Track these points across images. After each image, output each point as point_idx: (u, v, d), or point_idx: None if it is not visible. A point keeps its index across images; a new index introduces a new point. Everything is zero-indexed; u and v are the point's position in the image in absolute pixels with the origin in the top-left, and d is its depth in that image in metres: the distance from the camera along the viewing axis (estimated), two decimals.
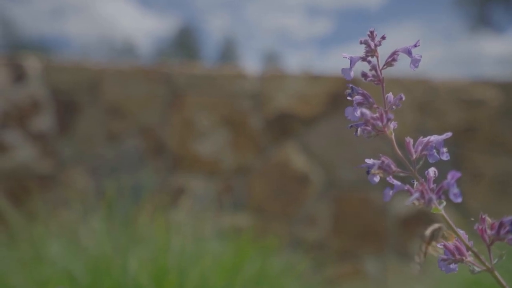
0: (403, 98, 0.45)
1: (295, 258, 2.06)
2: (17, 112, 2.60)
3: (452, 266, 0.44)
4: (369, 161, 0.44)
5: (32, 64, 2.64)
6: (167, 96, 2.67)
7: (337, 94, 2.65)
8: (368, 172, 0.43)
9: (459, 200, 0.40)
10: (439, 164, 0.45)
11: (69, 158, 2.62)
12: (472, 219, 0.46)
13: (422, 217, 2.53)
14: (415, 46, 0.45)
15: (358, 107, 0.45)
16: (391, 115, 0.44)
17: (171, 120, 2.66)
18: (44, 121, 2.62)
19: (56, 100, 2.64)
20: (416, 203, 0.42)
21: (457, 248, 0.43)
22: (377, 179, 0.44)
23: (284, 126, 2.67)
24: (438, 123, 2.62)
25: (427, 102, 2.65)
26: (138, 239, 1.69)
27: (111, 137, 2.64)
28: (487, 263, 0.43)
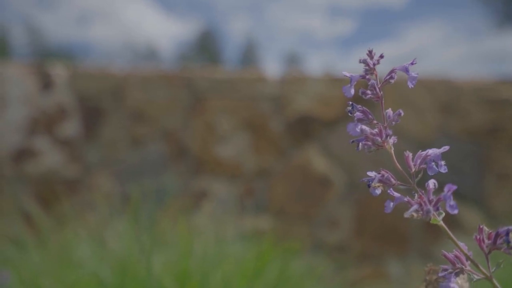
0: (402, 114, 0.46)
1: (316, 261, 2.06)
2: (45, 118, 2.68)
3: None
4: (371, 173, 0.45)
5: (59, 71, 2.72)
6: (189, 100, 2.71)
7: (358, 96, 2.64)
8: (369, 186, 0.45)
9: (455, 211, 0.41)
10: (463, 165, 0.45)
11: (95, 162, 2.69)
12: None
13: (446, 220, 2.49)
14: (412, 64, 0.47)
15: (358, 123, 0.47)
16: (389, 131, 0.46)
17: (193, 124, 2.70)
18: (70, 127, 2.70)
19: (81, 106, 2.72)
20: (415, 214, 0.43)
21: (457, 258, 0.44)
22: (378, 191, 0.45)
23: (305, 128, 2.67)
24: (462, 123, 2.58)
25: (451, 102, 2.61)
26: (161, 242, 1.73)
27: (134, 141, 2.69)
28: (485, 271, 0.43)
